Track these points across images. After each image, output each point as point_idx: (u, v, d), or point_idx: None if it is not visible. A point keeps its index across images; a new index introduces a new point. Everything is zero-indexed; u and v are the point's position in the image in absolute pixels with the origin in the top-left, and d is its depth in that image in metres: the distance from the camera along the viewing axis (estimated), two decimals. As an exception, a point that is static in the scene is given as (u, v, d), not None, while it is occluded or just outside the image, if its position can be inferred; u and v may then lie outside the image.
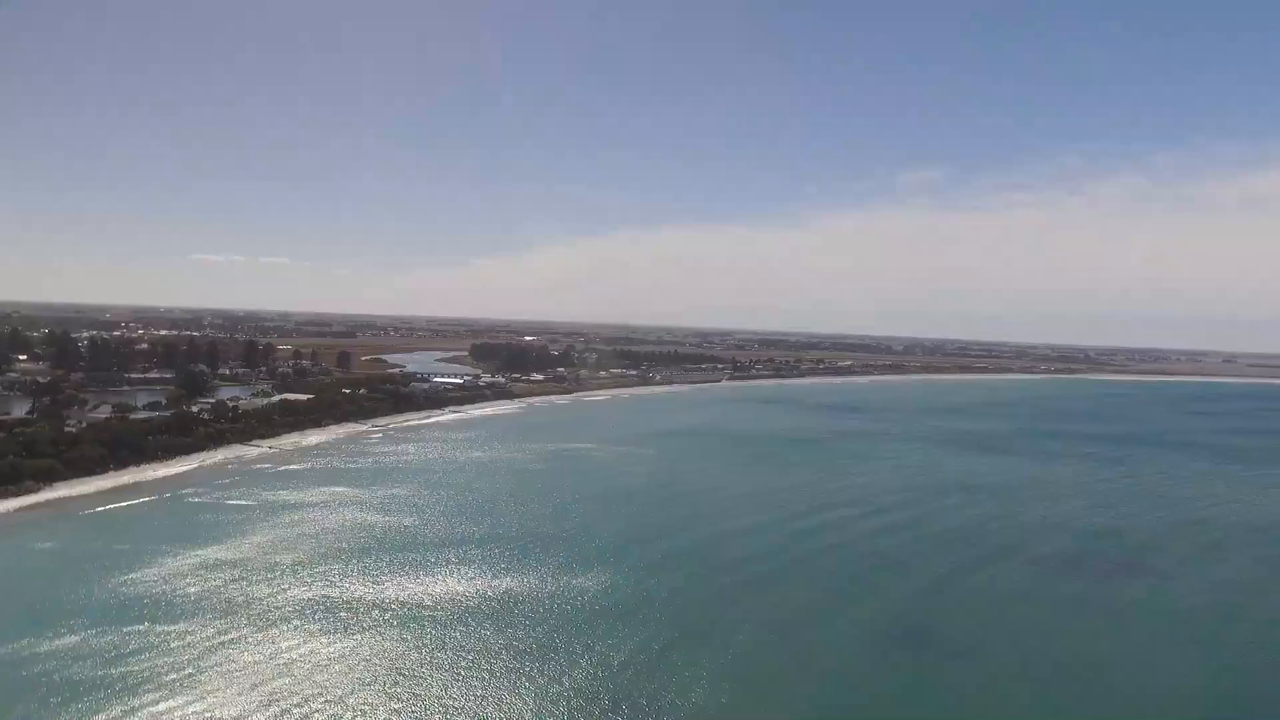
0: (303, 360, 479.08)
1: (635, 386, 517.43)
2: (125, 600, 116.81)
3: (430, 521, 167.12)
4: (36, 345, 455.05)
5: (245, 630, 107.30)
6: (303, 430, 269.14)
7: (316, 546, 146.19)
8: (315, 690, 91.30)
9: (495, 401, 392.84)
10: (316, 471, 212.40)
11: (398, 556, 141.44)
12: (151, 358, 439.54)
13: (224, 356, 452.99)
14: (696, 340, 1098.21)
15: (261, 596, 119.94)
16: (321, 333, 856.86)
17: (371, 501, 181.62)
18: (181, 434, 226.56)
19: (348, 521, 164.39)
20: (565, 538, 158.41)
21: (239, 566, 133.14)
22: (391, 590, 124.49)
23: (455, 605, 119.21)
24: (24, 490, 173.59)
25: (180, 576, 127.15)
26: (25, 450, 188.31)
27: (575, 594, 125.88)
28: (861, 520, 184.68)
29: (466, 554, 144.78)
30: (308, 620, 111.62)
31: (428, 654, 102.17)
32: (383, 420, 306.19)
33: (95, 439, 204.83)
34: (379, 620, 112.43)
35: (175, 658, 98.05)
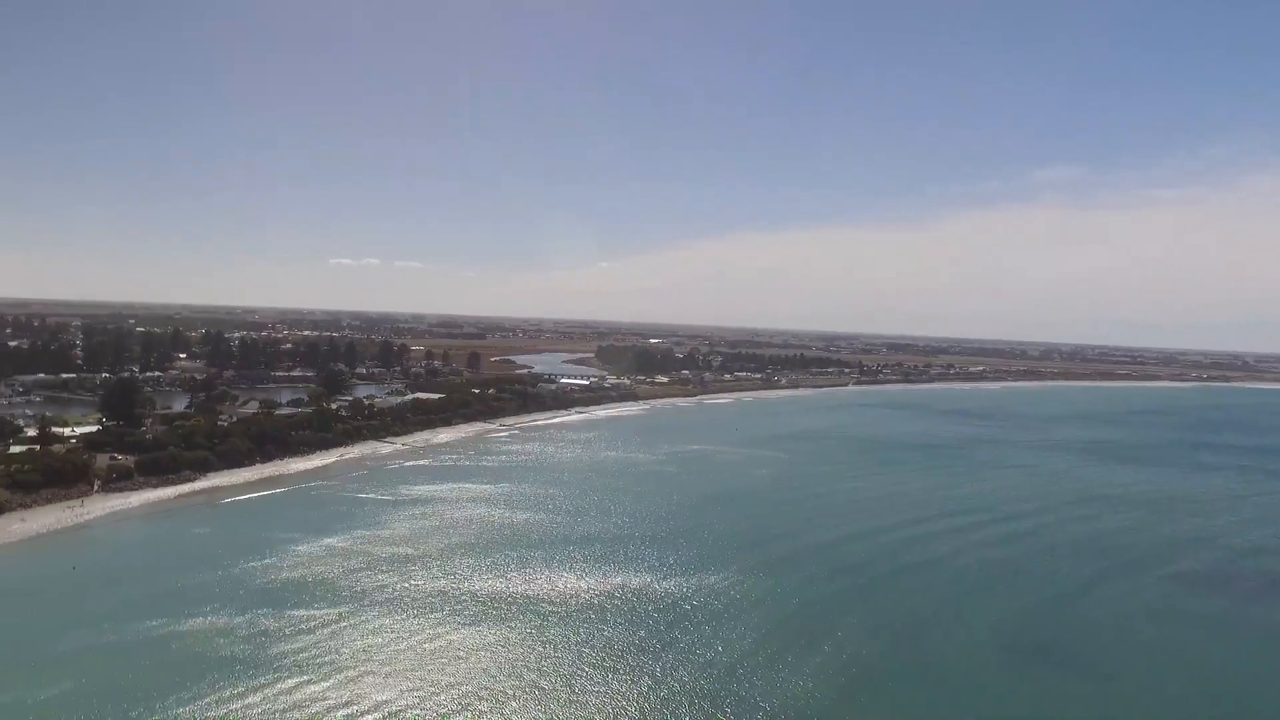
0: (435, 360, 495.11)
1: (759, 390, 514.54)
2: (268, 584, 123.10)
3: (555, 519, 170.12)
4: (194, 345, 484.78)
5: (376, 618, 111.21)
6: (434, 428, 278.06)
7: (445, 540, 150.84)
8: (444, 679, 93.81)
9: (620, 403, 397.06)
10: (446, 468, 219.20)
11: (523, 552, 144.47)
12: (295, 357, 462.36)
13: (361, 356, 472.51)
14: (821, 344, 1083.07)
15: (392, 586, 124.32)
16: (452, 334, 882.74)
17: (498, 498, 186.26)
18: (321, 430, 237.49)
19: (475, 517, 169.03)
20: (687, 537, 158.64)
21: (371, 556, 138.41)
22: (517, 585, 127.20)
23: (578, 601, 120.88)
24: (182, 479, 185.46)
25: (317, 564, 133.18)
26: (183, 442, 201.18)
27: (695, 592, 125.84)
28: (989, 527, 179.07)
29: (590, 551, 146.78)
30: (436, 611, 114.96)
31: (550, 649, 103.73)
32: (510, 420, 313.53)
33: (244, 433, 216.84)
34: (504, 614, 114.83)
35: (313, 641, 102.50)
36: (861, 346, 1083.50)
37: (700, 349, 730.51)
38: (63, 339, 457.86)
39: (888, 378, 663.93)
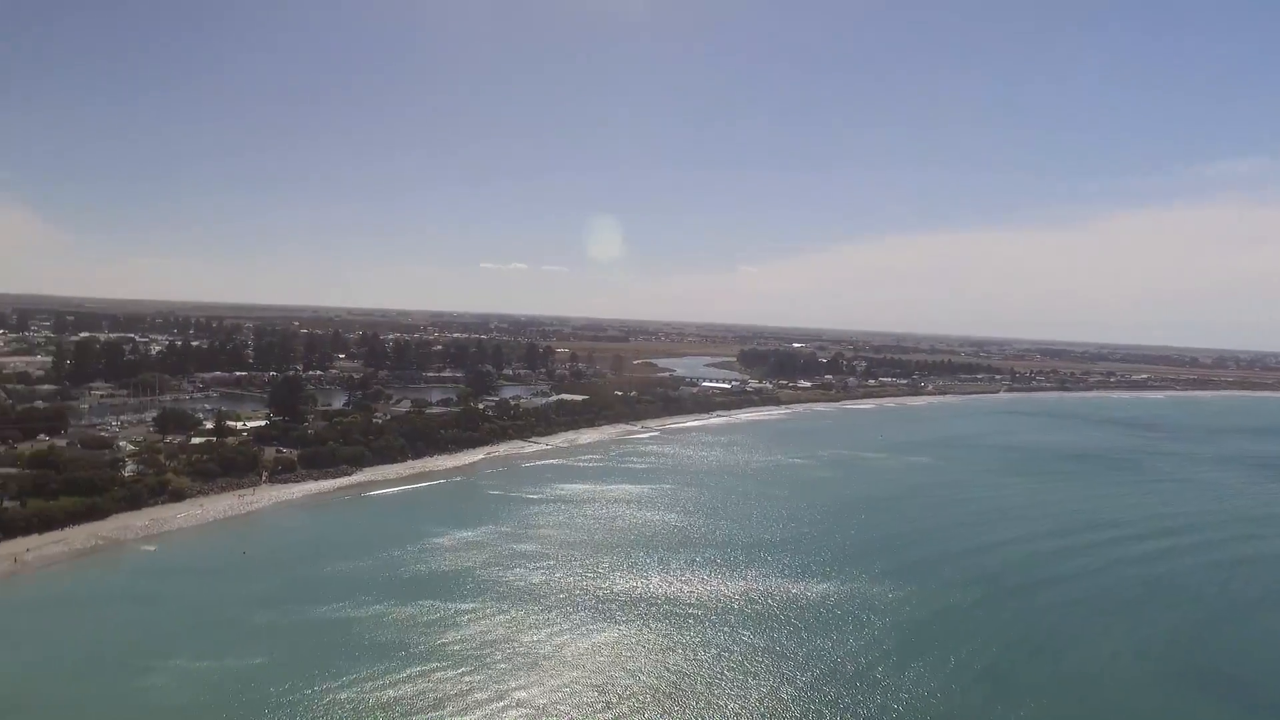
0: (579, 363, 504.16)
1: (904, 396, 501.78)
2: (417, 574, 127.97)
3: (695, 521, 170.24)
4: (352, 346, 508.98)
5: (520, 612, 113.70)
6: (577, 429, 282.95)
7: (587, 539, 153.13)
8: (586, 677, 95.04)
9: (761, 407, 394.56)
10: (589, 468, 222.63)
11: (663, 553, 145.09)
12: (445, 358, 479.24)
13: (508, 358, 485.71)
14: (971, 349, 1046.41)
15: (536, 582, 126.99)
16: (596, 337, 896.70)
17: (640, 499, 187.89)
18: (469, 428, 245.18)
19: (617, 517, 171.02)
20: (825, 542, 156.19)
21: (516, 552, 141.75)
22: (657, 585, 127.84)
23: (717, 604, 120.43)
24: (340, 472, 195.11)
25: (463, 556, 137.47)
26: (341, 437, 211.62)
27: (832, 597, 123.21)
28: (1144, 542, 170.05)
29: (729, 555, 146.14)
30: (578, 608, 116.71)
31: (690, 650, 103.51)
32: (653, 422, 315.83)
33: (397, 430, 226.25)
34: (645, 614, 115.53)
35: (460, 632, 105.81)
36: (1014, 352, 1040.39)
37: (844, 354, 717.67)
38: (237, 340, 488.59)
39: (1041, 385, 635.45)
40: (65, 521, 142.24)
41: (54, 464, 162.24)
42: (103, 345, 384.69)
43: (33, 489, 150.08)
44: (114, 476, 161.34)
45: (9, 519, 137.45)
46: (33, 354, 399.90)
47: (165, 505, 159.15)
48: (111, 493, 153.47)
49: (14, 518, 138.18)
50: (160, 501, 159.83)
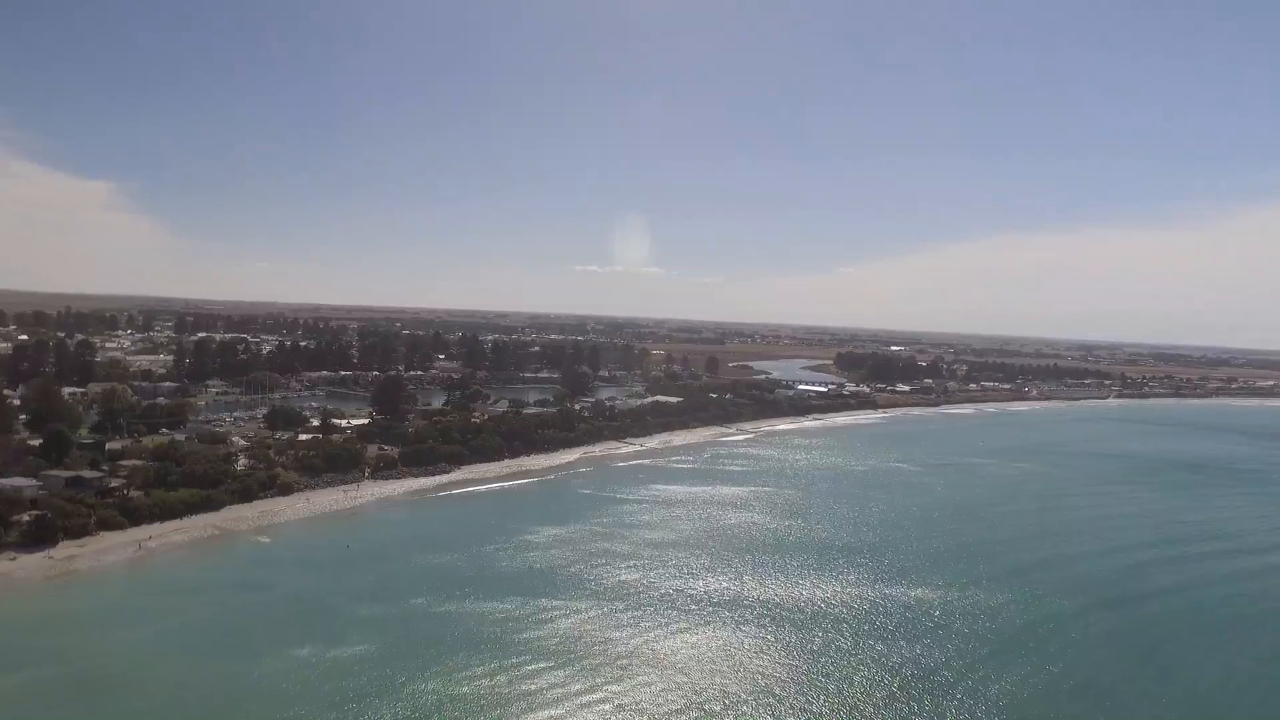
0: (674, 365, 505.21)
1: (1007, 401, 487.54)
2: (513, 570, 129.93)
3: (789, 524, 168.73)
4: (452, 347, 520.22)
5: (614, 611, 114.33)
6: (672, 430, 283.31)
7: (681, 539, 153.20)
8: (678, 677, 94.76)
9: (859, 411, 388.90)
10: (683, 470, 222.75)
11: (757, 556, 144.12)
12: (542, 359, 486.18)
13: (604, 360, 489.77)
14: (1079, 353, 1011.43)
15: (630, 581, 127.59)
16: (692, 339, 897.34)
17: (734, 501, 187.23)
18: (564, 429, 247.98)
19: (711, 518, 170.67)
20: (921, 547, 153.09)
21: (610, 552, 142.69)
22: (751, 588, 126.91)
23: (812, 608, 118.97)
24: (439, 470, 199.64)
25: (558, 555, 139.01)
26: (441, 436, 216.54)
27: (929, 603, 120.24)
28: (1263, 555, 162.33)
29: (824, 558, 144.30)
30: (671, 609, 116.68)
31: (784, 654, 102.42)
32: (747, 424, 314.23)
33: (494, 429, 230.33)
34: (738, 617, 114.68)
35: (553, 629, 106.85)
36: (1125, 357, 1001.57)
37: (944, 357, 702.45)
38: (342, 341, 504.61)
39: (1155, 391, 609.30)
40: (184, 512, 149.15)
41: (174, 457, 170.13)
42: (218, 345, 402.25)
43: (155, 480, 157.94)
44: (227, 470, 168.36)
45: (134, 508, 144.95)
46: (156, 353, 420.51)
47: (274, 499, 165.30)
48: (225, 486, 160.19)
49: (138, 506, 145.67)
50: (269, 495, 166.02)
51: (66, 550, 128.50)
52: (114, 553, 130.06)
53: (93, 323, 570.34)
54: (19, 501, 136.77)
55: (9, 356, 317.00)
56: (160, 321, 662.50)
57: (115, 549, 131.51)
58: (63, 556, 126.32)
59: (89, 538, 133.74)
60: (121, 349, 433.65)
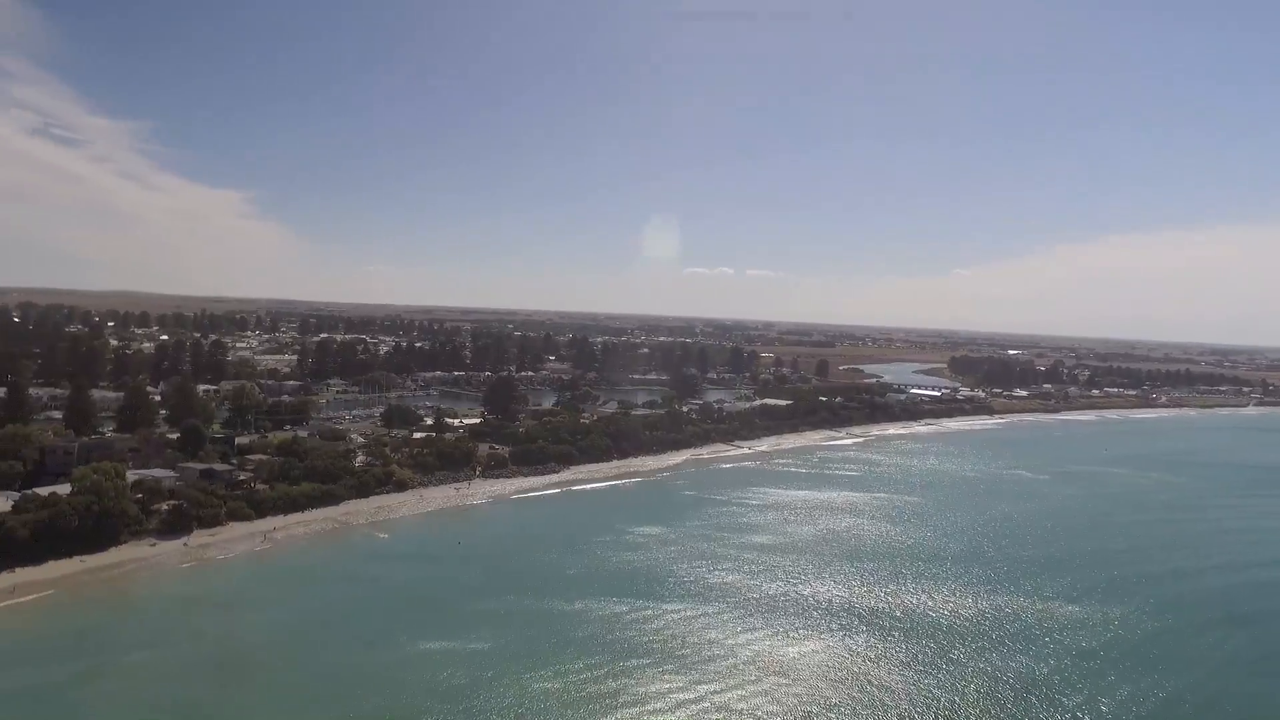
0: (783, 367, 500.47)
1: (1132, 408, 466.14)
2: (619, 571, 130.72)
3: (901, 531, 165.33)
4: (562, 348, 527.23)
5: (720, 614, 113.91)
6: (780, 434, 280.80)
7: (787, 544, 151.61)
8: (782, 683, 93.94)
9: (973, 416, 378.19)
10: (791, 474, 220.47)
11: (866, 563, 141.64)
12: (651, 361, 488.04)
13: (712, 362, 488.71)
14: (1213, 359, 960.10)
15: (736, 584, 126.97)
16: (801, 341, 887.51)
17: (843, 506, 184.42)
18: (672, 430, 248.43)
19: (818, 523, 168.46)
20: (1041, 556, 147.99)
21: (716, 555, 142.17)
22: (860, 595, 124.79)
23: (924, 619, 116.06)
24: (548, 470, 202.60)
25: (664, 556, 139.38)
26: (550, 436, 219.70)
27: (1048, 615, 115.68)
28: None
29: (939, 568, 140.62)
30: (777, 613, 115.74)
31: (893, 665, 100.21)
32: (857, 429, 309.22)
33: (603, 431, 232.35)
34: (845, 624, 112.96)
35: (659, 631, 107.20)
36: (1266, 363, 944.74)
37: (1064, 361, 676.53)
38: (456, 342, 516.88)
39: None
40: (305, 505, 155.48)
41: (297, 453, 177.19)
42: (339, 346, 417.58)
43: (279, 474, 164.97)
44: (346, 466, 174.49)
45: (260, 500, 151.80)
46: (282, 353, 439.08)
47: (389, 494, 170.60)
48: (344, 481, 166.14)
49: (264, 499, 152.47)
50: (385, 491, 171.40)
51: (200, 539, 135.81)
52: (242, 542, 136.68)
53: (225, 324, 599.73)
54: (159, 491, 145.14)
55: (152, 356, 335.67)
56: (286, 323, 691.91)
57: (243, 539, 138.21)
58: (197, 544, 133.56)
59: (220, 527, 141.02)
60: (250, 349, 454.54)
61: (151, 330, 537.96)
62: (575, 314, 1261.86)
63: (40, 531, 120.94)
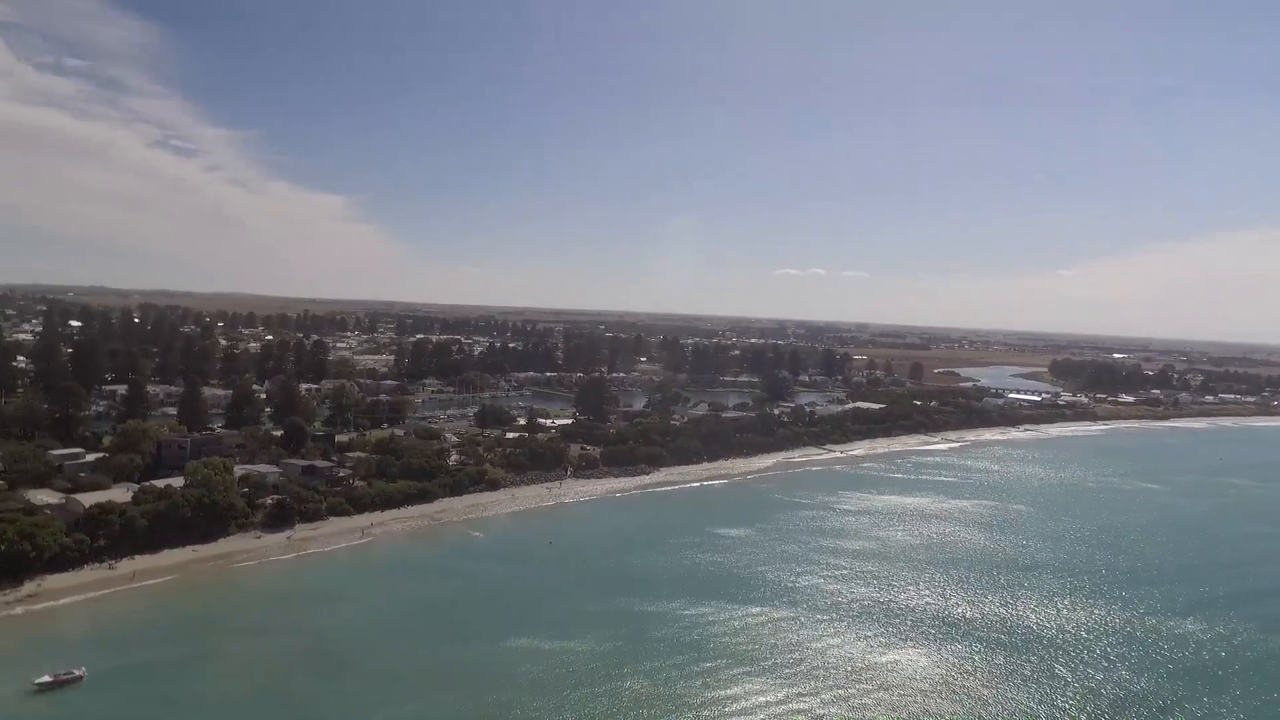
0: (876, 370, 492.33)
1: (1250, 416, 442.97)
2: (708, 573, 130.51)
3: (1001, 539, 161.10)
4: (653, 350, 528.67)
5: (809, 619, 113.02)
6: (873, 438, 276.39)
7: (880, 550, 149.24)
8: (872, 691, 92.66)
9: (1075, 422, 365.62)
10: (884, 478, 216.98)
11: (961, 571, 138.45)
12: (741, 363, 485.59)
13: (804, 364, 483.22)
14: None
15: (825, 589, 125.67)
16: (895, 344, 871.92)
17: (936, 513, 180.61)
18: (763, 433, 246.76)
19: (911, 529, 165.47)
20: (1154, 574, 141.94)
21: (805, 559, 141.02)
22: (955, 605, 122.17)
23: (1023, 631, 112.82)
24: (638, 471, 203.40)
25: (753, 560, 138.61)
26: (641, 437, 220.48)
27: (1161, 637, 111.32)
28: None
29: (1039, 578, 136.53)
30: (868, 620, 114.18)
31: (990, 681, 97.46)
32: (952, 433, 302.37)
33: (693, 432, 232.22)
34: (939, 634, 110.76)
35: (748, 635, 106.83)
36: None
37: (1175, 366, 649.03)
38: (548, 343, 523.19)
39: None
40: (401, 502, 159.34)
41: (393, 450, 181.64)
42: (434, 346, 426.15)
43: (376, 471, 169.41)
44: (441, 465, 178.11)
45: (358, 496, 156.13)
46: (379, 353, 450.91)
47: (482, 493, 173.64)
48: (438, 479, 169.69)
49: (362, 495, 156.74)
50: (478, 489, 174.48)
51: (302, 532, 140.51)
52: (341, 537, 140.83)
53: (326, 325, 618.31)
54: (263, 486, 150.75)
55: (258, 355, 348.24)
56: (384, 323, 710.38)
57: (342, 534, 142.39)
58: (299, 538, 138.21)
59: (320, 522, 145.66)
60: (349, 349, 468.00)
61: (257, 330, 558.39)
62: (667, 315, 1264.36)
63: (157, 521, 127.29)
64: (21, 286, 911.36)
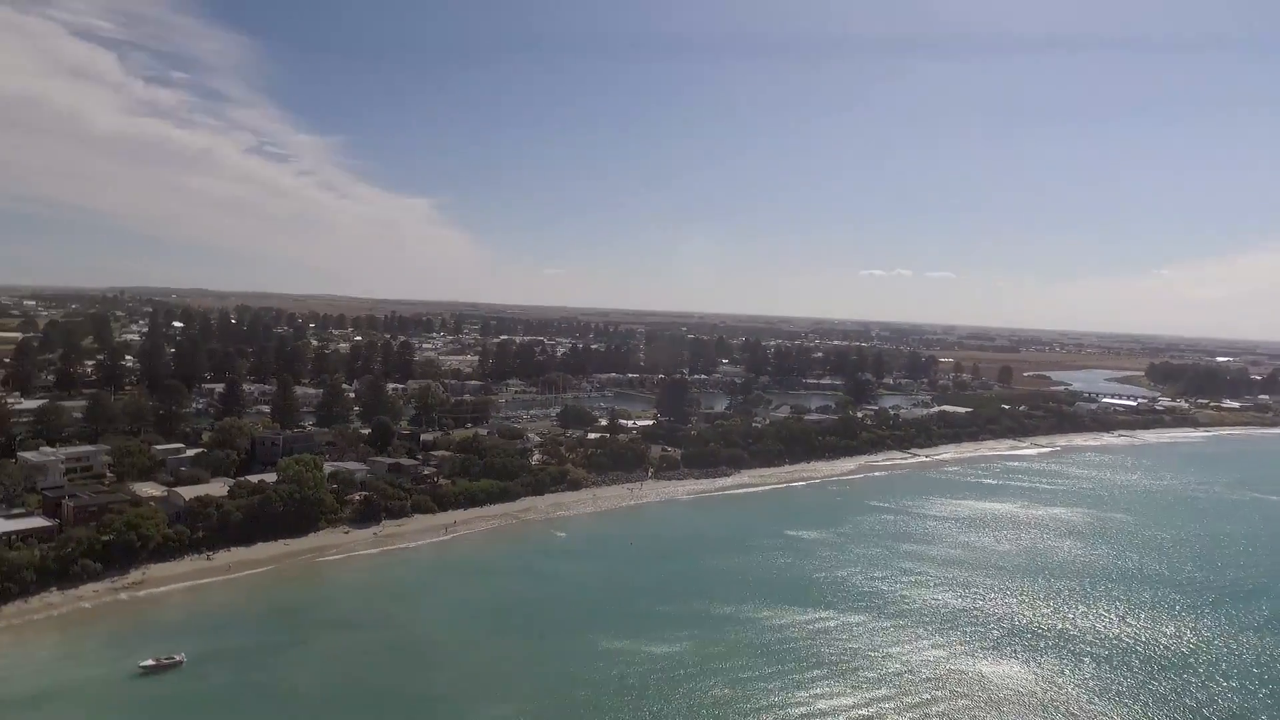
0: (963, 374, 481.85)
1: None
2: (794, 579, 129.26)
3: (1096, 549, 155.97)
4: (735, 352, 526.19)
5: (895, 627, 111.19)
6: (959, 442, 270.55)
7: (969, 558, 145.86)
8: (961, 704, 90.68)
9: (1175, 428, 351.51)
10: (971, 484, 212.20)
11: (1052, 581, 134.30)
12: (825, 365, 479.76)
13: (888, 367, 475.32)
14: None
15: (911, 597, 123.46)
16: (983, 347, 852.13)
17: (1026, 520, 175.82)
18: (846, 437, 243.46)
19: (1002, 537, 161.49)
20: (1260, 588, 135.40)
21: (891, 566, 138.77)
22: (1045, 615, 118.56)
23: (1120, 646, 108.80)
24: (719, 473, 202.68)
25: (837, 565, 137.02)
26: (722, 439, 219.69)
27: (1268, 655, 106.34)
28: None
29: (1137, 591, 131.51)
30: (955, 629, 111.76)
31: (1086, 698, 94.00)
32: (1042, 439, 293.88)
33: (775, 435, 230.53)
34: (1029, 645, 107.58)
35: (832, 641, 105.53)
36: None
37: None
38: (630, 344, 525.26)
39: None
40: (484, 500, 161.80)
41: (477, 450, 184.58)
42: (518, 347, 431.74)
43: (460, 470, 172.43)
44: (523, 464, 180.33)
45: (442, 494, 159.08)
46: (464, 354, 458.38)
47: (564, 493, 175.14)
48: (520, 478, 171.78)
49: (445, 493, 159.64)
50: (559, 489, 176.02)
51: (388, 529, 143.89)
52: (426, 534, 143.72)
53: (412, 326, 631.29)
54: (351, 482, 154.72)
55: (347, 355, 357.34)
56: (468, 325, 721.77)
57: (427, 530, 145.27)
58: (385, 534, 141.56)
59: (405, 519, 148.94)
60: (435, 350, 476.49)
61: (347, 331, 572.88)
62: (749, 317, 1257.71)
63: (251, 515, 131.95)
64: (131, 289, 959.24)
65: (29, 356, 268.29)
